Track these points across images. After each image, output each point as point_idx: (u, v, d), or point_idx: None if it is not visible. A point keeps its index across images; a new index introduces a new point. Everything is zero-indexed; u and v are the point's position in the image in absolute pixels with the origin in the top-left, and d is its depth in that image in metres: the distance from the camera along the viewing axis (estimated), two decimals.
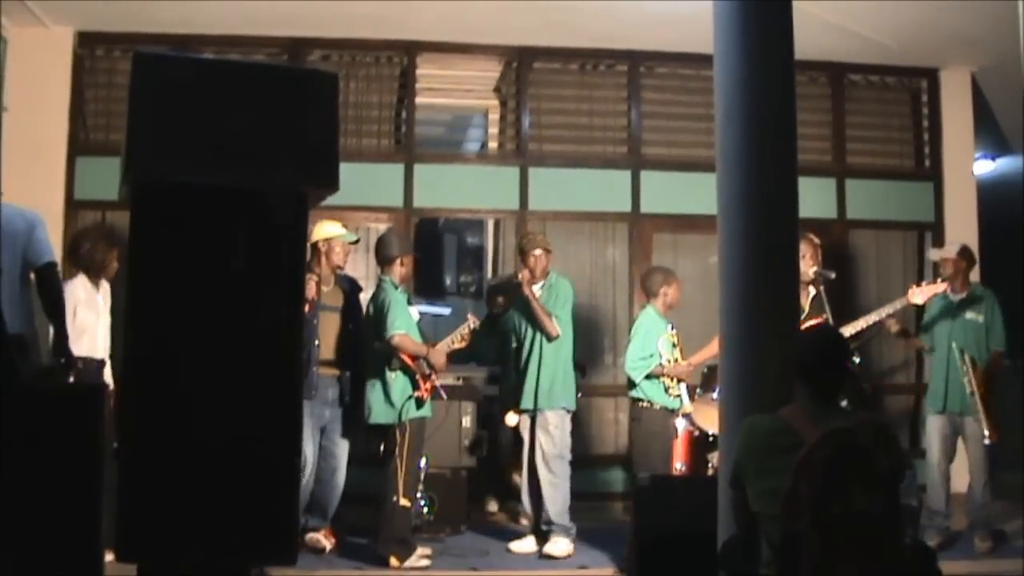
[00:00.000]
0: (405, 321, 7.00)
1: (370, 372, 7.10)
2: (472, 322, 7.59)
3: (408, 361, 6.95)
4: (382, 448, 7.06)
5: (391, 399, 6.92)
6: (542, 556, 7.25)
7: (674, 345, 7.35)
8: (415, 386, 6.96)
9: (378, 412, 6.96)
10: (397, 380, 6.95)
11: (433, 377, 7.01)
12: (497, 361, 8.21)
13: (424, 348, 7.04)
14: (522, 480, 7.59)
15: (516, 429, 7.68)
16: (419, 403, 6.97)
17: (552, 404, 7.42)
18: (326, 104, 4.14)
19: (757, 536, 3.95)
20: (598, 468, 9.12)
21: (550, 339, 7.40)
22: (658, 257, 9.56)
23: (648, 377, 7.20)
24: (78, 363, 6.39)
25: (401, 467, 6.85)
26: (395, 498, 6.81)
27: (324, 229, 7.40)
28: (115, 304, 6.98)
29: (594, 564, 7.12)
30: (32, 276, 5.60)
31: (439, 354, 7.12)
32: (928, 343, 7.70)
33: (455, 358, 7.90)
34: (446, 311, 9.69)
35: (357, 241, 7.80)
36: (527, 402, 7.44)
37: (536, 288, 7.46)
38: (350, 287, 7.65)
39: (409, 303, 7.27)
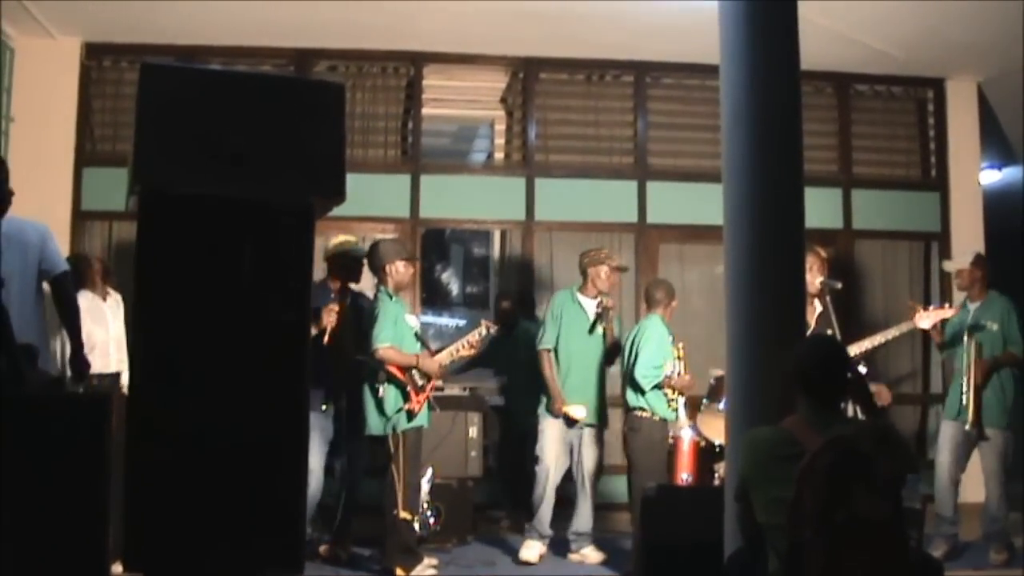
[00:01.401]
0: (391, 332, 6.88)
1: (364, 383, 7.09)
2: (487, 327, 7.41)
3: (397, 373, 6.87)
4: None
5: (383, 411, 6.87)
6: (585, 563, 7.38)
7: (678, 358, 7.32)
8: (406, 398, 6.86)
9: (372, 423, 6.93)
10: (388, 392, 6.90)
11: (428, 388, 6.93)
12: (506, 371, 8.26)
13: (413, 359, 6.89)
14: (550, 491, 7.55)
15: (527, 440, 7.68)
16: (410, 415, 6.87)
17: (600, 420, 7.58)
18: (332, 115, 4.15)
19: (763, 548, 3.95)
20: (607, 478, 9.09)
21: (611, 361, 7.62)
22: (664, 267, 9.57)
23: (654, 387, 7.19)
24: (93, 378, 6.45)
25: (397, 478, 6.80)
26: (395, 510, 6.78)
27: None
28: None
29: (599, 573, 7.12)
30: (45, 286, 5.61)
31: (432, 363, 6.96)
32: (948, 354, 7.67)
33: (462, 368, 7.90)
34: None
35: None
36: (594, 417, 7.51)
37: (594, 303, 7.57)
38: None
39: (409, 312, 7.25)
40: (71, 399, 4.69)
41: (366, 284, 7.53)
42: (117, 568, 4.03)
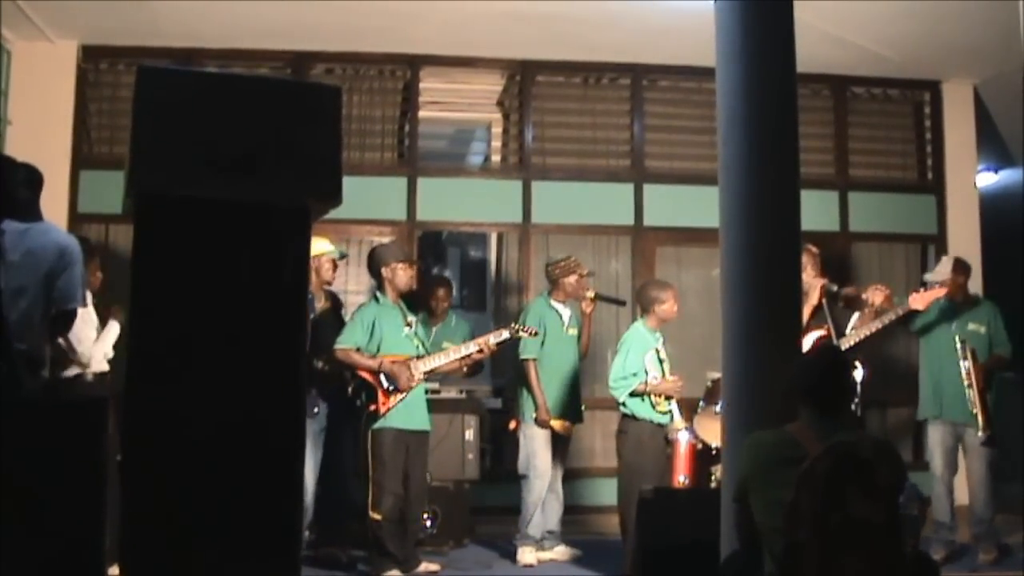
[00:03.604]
0: (354, 335, 6.96)
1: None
2: (514, 330, 7.35)
3: (364, 375, 6.93)
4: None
5: (357, 411, 6.97)
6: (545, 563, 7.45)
7: (661, 361, 7.32)
8: (371, 399, 6.90)
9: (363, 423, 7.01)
10: (361, 393, 6.96)
11: (401, 393, 6.90)
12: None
13: (373, 363, 6.91)
14: (545, 492, 7.57)
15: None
16: (375, 416, 6.88)
17: (579, 420, 7.84)
18: (329, 118, 4.14)
19: (759, 551, 3.96)
20: (598, 481, 9.11)
21: (582, 359, 7.82)
22: (661, 270, 9.57)
23: (634, 394, 7.17)
24: (86, 376, 6.48)
25: (369, 479, 6.86)
26: (368, 511, 6.84)
27: (314, 246, 7.40)
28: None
29: (597, 574, 7.13)
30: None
31: (397, 369, 6.91)
32: (923, 347, 7.67)
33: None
34: None
35: (345, 256, 7.80)
36: (576, 417, 7.69)
37: (567, 309, 7.72)
38: (335, 301, 7.68)
39: (406, 315, 7.23)
40: (68, 403, 4.69)
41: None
42: (114, 571, 4.02)
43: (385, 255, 7.19)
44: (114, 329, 6.93)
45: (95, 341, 6.75)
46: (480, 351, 7.29)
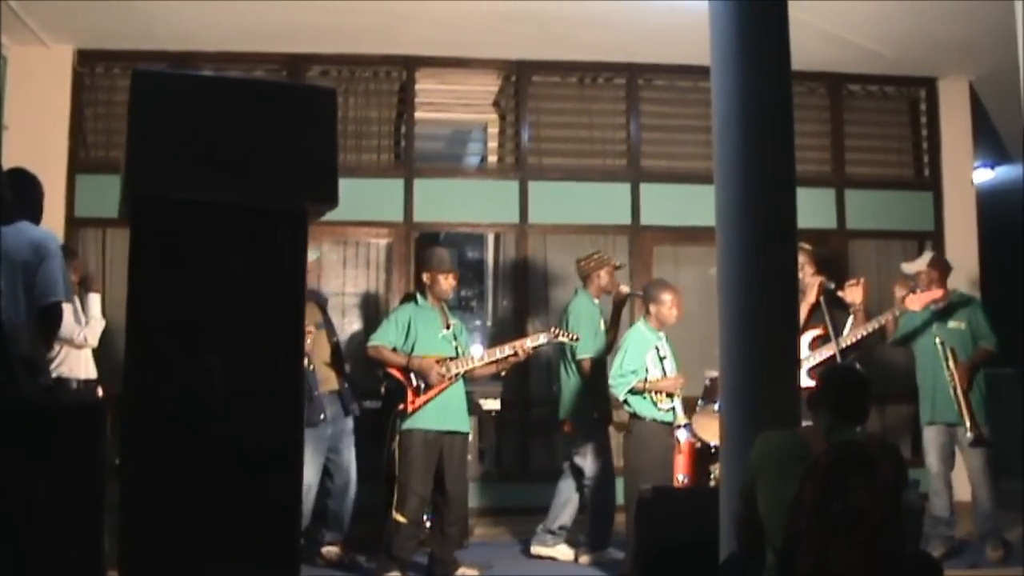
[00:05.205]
0: (386, 333, 6.95)
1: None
2: (555, 335, 7.28)
3: (395, 373, 6.91)
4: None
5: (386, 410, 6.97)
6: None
7: (661, 359, 7.31)
8: (401, 398, 6.86)
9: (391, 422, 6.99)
10: (389, 392, 6.95)
11: (432, 391, 6.82)
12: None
13: (402, 359, 6.88)
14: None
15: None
16: (402, 416, 6.84)
17: None
18: (325, 120, 4.14)
19: (760, 550, 3.98)
20: None
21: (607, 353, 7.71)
22: (658, 269, 9.57)
23: (634, 392, 7.16)
24: (77, 383, 6.48)
25: (395, 480, 6.82)
26: (391, 512, 6.79)
27: None
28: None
29: (598, 574, 7.13)
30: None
31: (426, 365, 6.84)
32: (916, 353, 7.67)
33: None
34: None
35: (317, 258, 7.80)
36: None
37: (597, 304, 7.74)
38: (320, 300, 7.66)
39: (448, 317, 7.18)
40: (65, 407, 4.69)
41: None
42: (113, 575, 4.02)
43: (427, 262, 7.14)
44: (95, 300, 6.94)
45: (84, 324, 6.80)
46: (515, 354, 7.17)
